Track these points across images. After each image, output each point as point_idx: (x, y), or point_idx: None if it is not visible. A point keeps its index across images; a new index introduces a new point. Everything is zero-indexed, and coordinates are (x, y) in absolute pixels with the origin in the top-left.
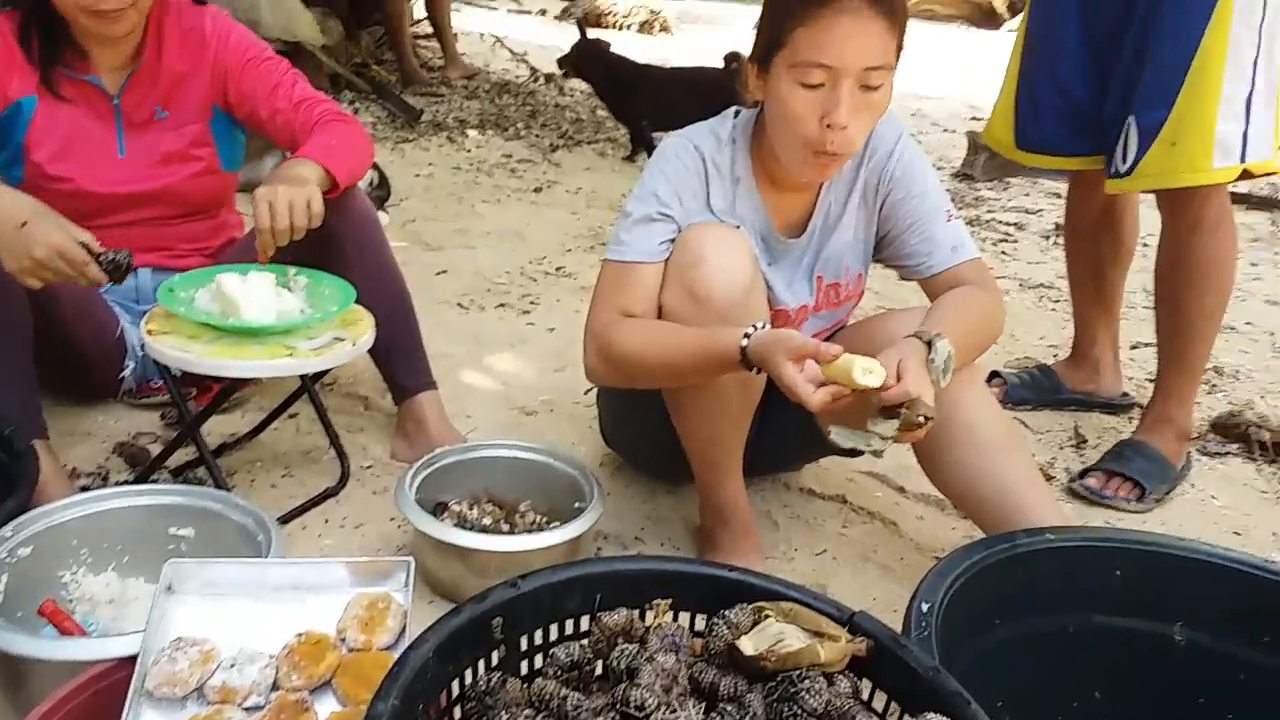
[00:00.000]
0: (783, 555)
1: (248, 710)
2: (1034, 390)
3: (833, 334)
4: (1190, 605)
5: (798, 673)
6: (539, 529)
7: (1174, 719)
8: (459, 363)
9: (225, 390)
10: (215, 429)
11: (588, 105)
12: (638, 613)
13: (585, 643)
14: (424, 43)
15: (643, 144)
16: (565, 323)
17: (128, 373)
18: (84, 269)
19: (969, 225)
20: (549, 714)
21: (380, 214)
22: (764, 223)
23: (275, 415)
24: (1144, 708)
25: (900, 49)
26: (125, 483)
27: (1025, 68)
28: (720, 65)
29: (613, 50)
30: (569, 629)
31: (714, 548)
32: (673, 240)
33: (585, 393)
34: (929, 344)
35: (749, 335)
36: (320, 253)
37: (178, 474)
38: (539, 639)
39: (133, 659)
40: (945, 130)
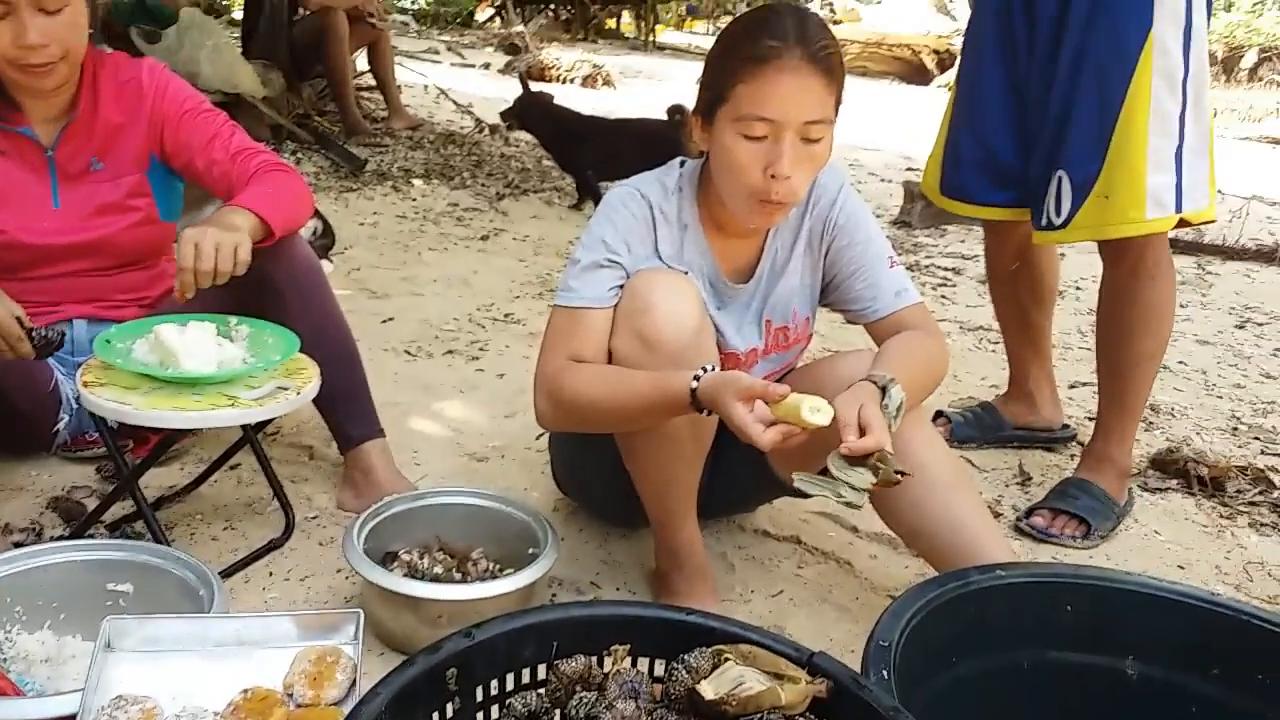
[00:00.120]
0: (739, 597)
1: None
2: (978, 428)
3: (782, 377)
4: (1141, 639)
5: (759, 716)
6: (492, 577)
7: None
8: (407, 410)
9: (164, 442)
10: (153, 481)
11: (533, 155)
12: (595, 659)
13: (543, 691)
14: (367, 94)
15: (589, 193)
16: (515, 369)
17: (62, 425)
18: (16, 344)
19: (909, 271)
20: None
21: (324, 262)
22: (712, 268)
23: (216, 466)
24: None
25: (839, 103)
26: (60, 538)
27: (954, 119)
28: (664, 117)
29: (557, 102)
30: (525, 678)
31: (670, 591)
32: (621, 286)
33: (537, 438)
34: (883, 389)
35: (698, 377)
36: (261, 302)
37: (114, 529)
38: (495, 689)
39: (71, 719)
40: (882, 180)
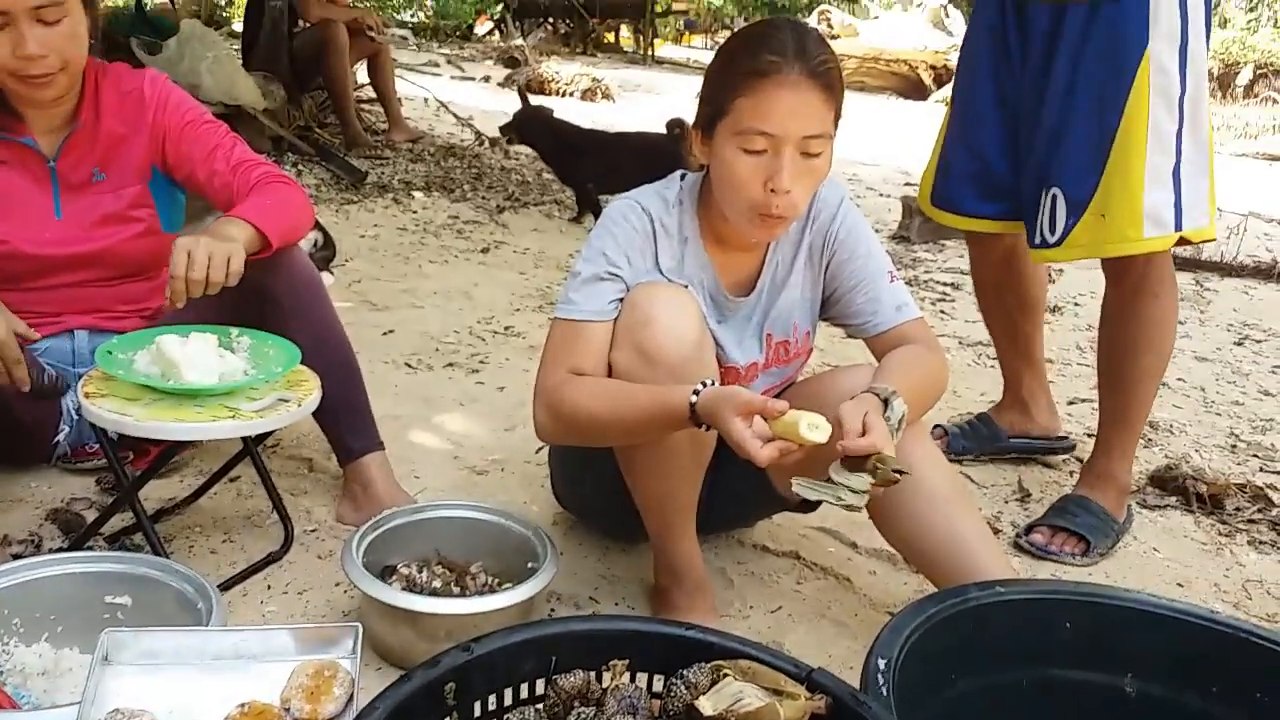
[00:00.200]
0: (738, 613)
1: None
2: (974, 440)
3: (783, 391)
4: (1140, 656)
5: None
6: (491, 591)
7: None
8: (407, 423)
9: (164, 454)
10: (153, 493)
11: (533, 168)
12: (594, 675)
13: (541, 707)
14: (367, 107)
15: (589, 206)
16: (515, 382)
17: (62, 437)
18: (14, 367)
19: (908, 285)
20: None
21: (325, 275)
22: (712, 281)
23: (216, 479)
24: None
25: (838, 118)
26: (59, 550)
27: (948, 132)
28: (663, 131)
29: (556, 116)
30: (524, 693)
31: (669, 606)
32: (622, 299)
33: (536, 451)
34: (885, 401)
35: (698, 392)
36: (260, 313)
37: (114, 540)
38: (493, 704)
39: None
40: (880, 195)
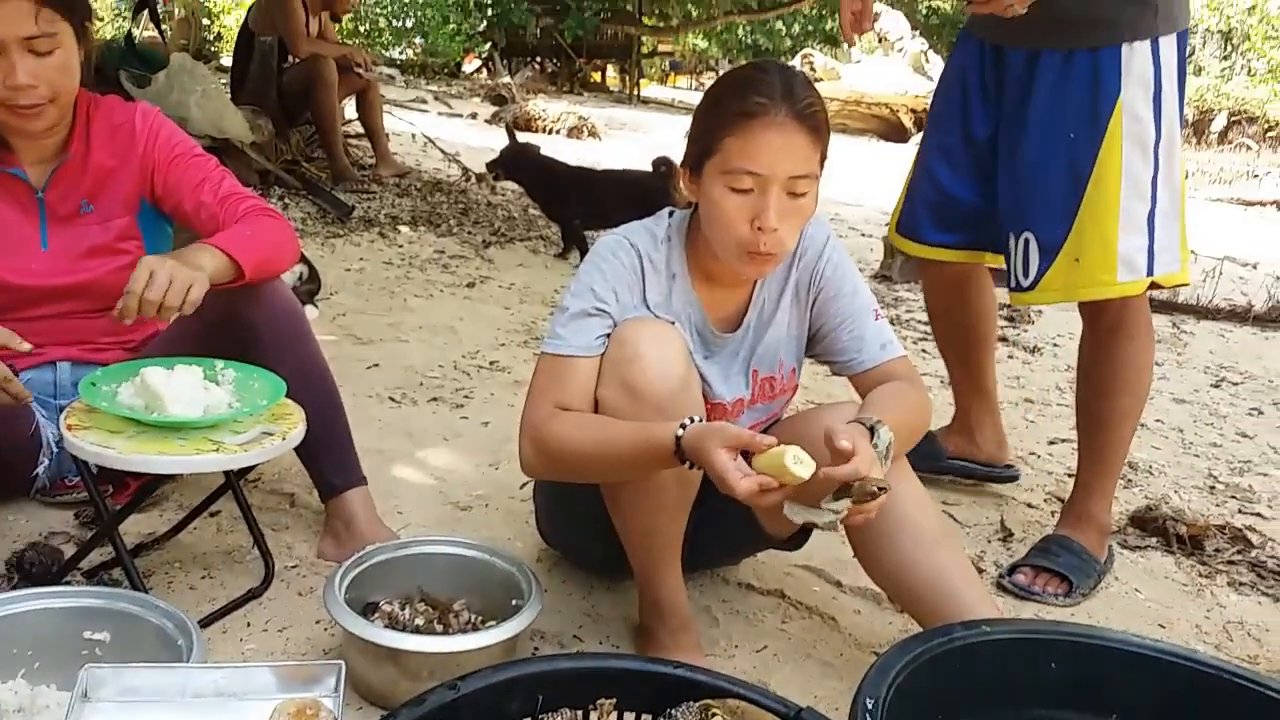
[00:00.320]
0: (723, 652)
1: None
2: (912, 455)
3: (768, 428)
4: (1125, 697)
5: None
6: (474, 629)
7: None
8: (391, 457)
9: (145, 487)
10: (132, 528)
11: (519, 204)
12: (581, 713)
13: None
14: (355, 142)
15: (575, 242)
16: (500, 417)
17: (41, 469)
18: (5, 384)
19: (890, 324)
20: None
21: (309, 308)
22: (699, 317)
23: (196, 513)
24: None
25: (824, 159)
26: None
27: (915, 164)
28: (649, 168)
29: (543, 152)
30: None
31: (655, 645)
32: (609, 335)
33: (521, 487)
34: (871, 429)
35: (685, 427)
36: (242, 347)
37: (92, 575)
38: None
39: None
40: (862, 235)
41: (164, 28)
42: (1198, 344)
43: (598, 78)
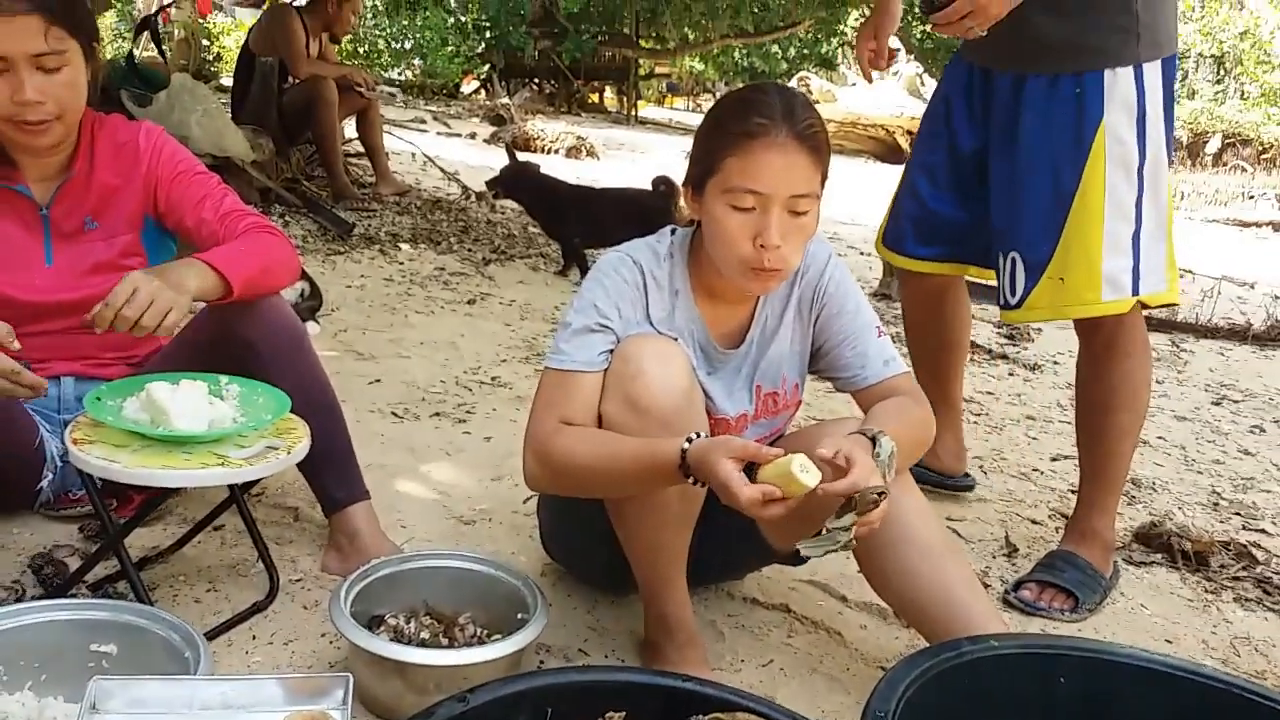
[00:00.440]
0: (729, 666)
1: None
2: None
3: (771, 444)
4: (1135, 712)
5: None
6: (480, 642)
7: None
8: (394, 472)
9: (149, 501)
10: (136, 541)
11: (519, 222)
12: None
13: None
14: (355, 161)
15: (574, 259)
16: (502, 432)
17: (46, 483)
18: (15, 377)
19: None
20: None
21: (311, 324)
22: (702, 333)
23: (201, 527)
24: None
25: (825, 178)
26: (39, 597)
27: (902, 179)
28: (648, 187)
29: (543, 171)
30: None
31: (661, 660)
32: (612, 350)
33: (525, 501)
34: (873, 440)
35: (691, 440)
36: (242, 364)
37: (97, 588)
38: None
39: None
40: (861, 253)
41: (164, 48)
42: (1198, 362)
43: (595, 99)
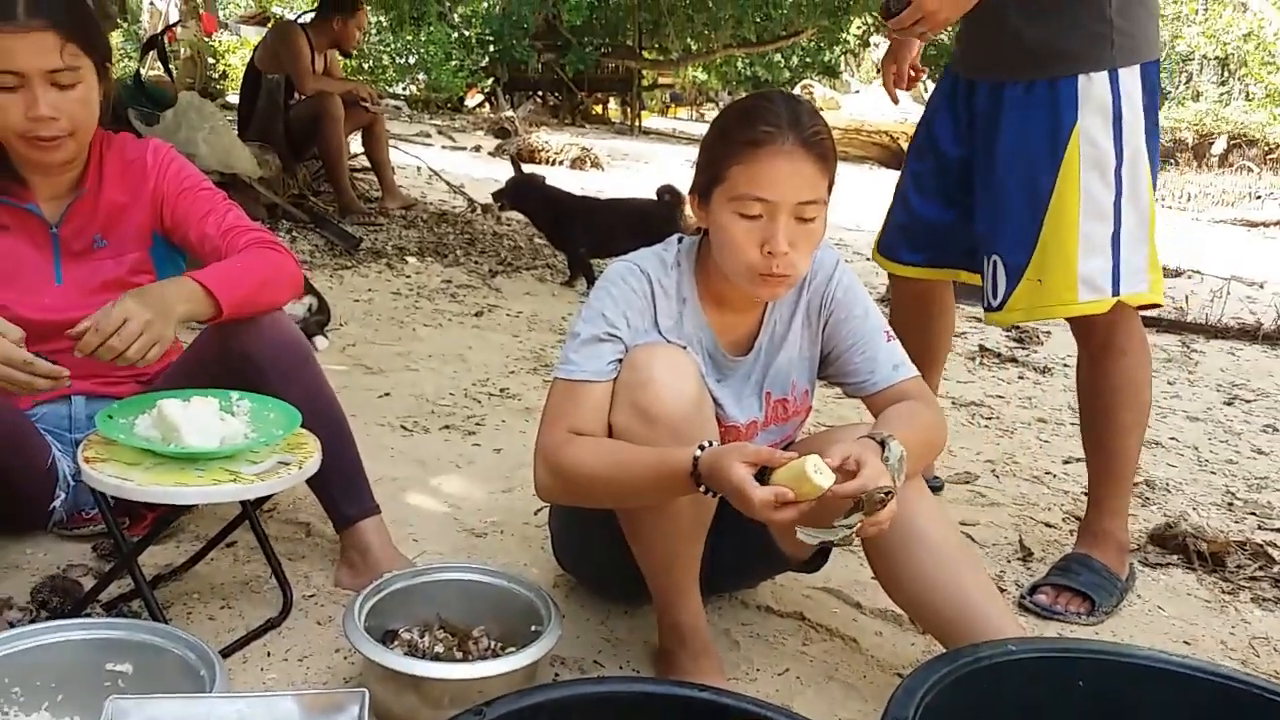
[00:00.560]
0: (745, 676)
1: None
2: None
3: (782, 450)
4: (1155, 715)
5: None
6: (494, 655)
7: None
8: (404, 485)
9: (162, 519)
10: (149, 559)
11: (525, 233)
12: None
13: None
14: (361, 175)
15: (581, 270)
16: (511, 444)
17: (58, 503)
18: (24, 367)
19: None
20: None
21: (319, 339)
22: (711, 341)
23: (214, 544)
24: None
25: (831, 185)
26: (54, 616)
27: (897, 185)
28: (653, 197)
29: (548, 183)
30: None
31: (676, 670)
32: (621, 360)
33: (536, 513)
34: (882, 443)
35: (703, 448)
36: (246, 380)
37: (111, 608)
38: None
39: None
40: (866, 259)
41: (171, 67)
42: (1208, 362)
43: (599, 110)
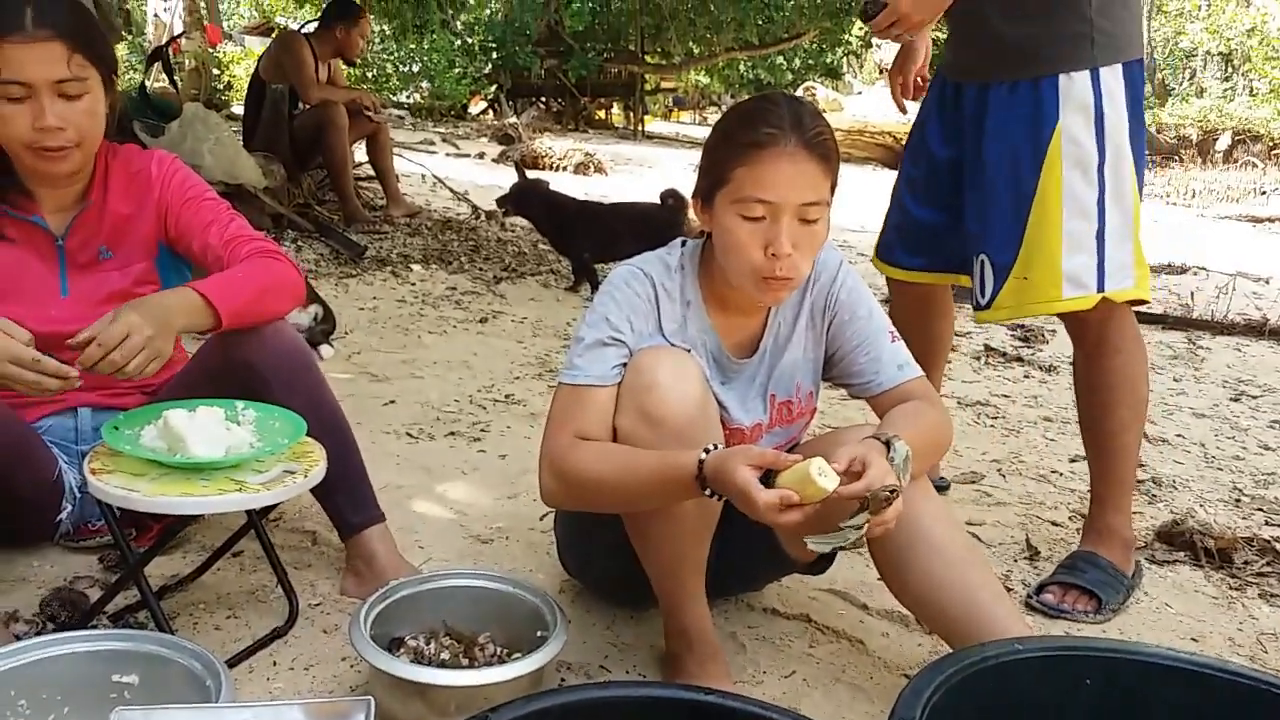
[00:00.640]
0: (751, 678)
1: None
2: None
3: (787, 452)
4: (1164, 712)
5: None
6: (500, 661)
7: None
8: (410, 492)
9: (169, 529)
10: (155, 570)
11: (529, 239)
12: None
13: None
14: (366, 184)
15: (585, 275)
16: (517, 450)
17: (65, 515)
18: (33, 366)
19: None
20: None
21: (325, 347)
22: (715, 344)
23: (220, 554)
24: None
25: (834, 186)
26: (61, 628)
27: (893, 191)
28: (657, 201)
29: (552, 188)
30: None
31: (682, 673)
32: (625, 364)
33: (541, 518)
34: (887, 444)
35: (708, 451)
36: (247, 389)
37: (117, 619)
38: None
39: None
40: (870, 260)
41: (176, 78)
42: (1214, 359)
43: (602, 115)
